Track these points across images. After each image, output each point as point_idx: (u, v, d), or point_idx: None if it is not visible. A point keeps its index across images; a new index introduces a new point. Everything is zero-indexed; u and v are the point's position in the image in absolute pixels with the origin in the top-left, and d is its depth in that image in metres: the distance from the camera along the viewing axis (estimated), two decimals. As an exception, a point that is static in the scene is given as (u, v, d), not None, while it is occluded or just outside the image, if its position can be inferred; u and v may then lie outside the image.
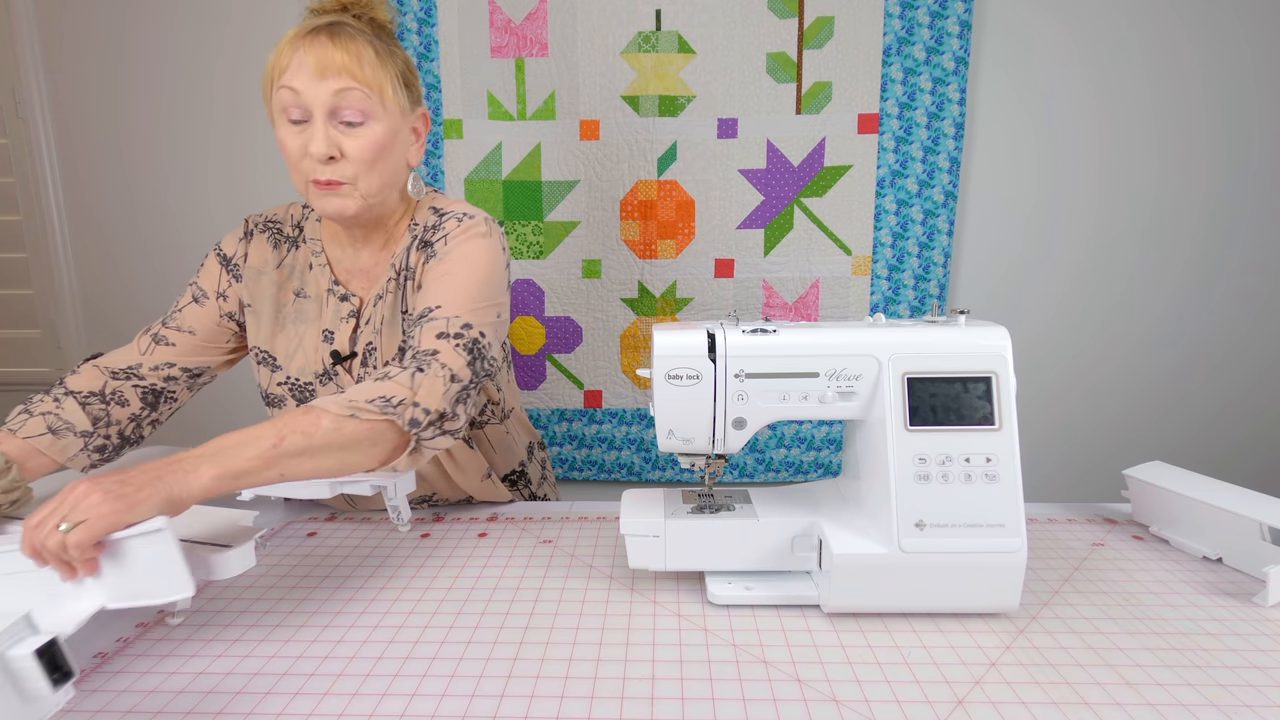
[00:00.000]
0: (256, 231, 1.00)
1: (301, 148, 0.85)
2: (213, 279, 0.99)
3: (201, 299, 0.98)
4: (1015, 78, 1.76)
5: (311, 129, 0.84)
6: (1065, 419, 1.91)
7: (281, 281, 0.98)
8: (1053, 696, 0.59)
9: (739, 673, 0.62)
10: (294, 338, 0.97)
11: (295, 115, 0.84)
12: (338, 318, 0.96)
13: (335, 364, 0.95)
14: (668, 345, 0.74)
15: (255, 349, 0.98)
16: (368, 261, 0.97)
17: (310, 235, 0.99)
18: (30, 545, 0.60)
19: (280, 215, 1.01)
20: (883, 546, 0.69)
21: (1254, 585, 0.77)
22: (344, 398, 0.75)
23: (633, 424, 1.89)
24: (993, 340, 0.72)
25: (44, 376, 2.05)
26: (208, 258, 1.00)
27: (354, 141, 0.85)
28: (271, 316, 0.97)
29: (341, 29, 0.85)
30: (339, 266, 0.97)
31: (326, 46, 0.83)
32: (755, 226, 1.80)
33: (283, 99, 0.84)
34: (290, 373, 0.97)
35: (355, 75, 0.84)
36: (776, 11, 1.70)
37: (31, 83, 1.87)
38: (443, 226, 0.94)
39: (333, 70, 0.83)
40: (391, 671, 0.63)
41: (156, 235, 1.96)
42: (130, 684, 0.61)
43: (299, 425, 0.71)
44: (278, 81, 0.84)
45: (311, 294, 0.97)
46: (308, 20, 0.87)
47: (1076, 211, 1.82)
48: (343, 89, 0.83)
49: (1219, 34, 1.72)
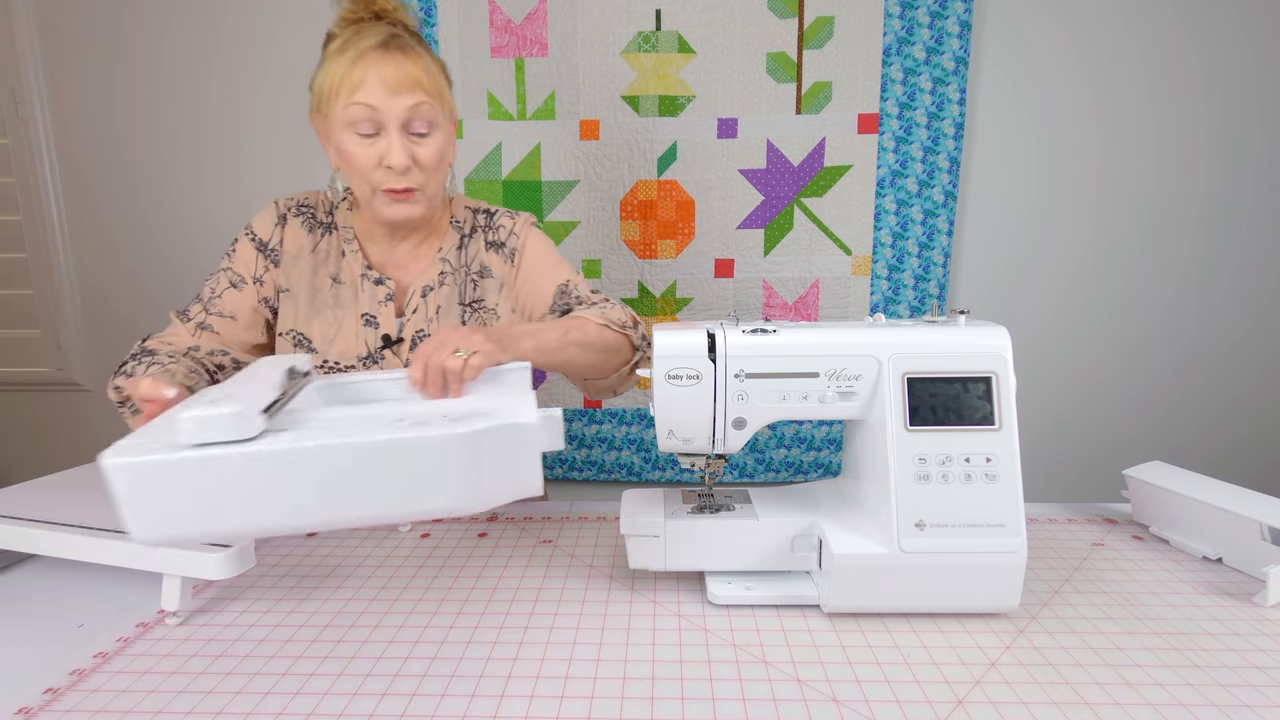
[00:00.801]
0: (291, 215, 1.01)
1: (374, 159, 0.89)
2: (248, 264, 1.00)
3: (240, 284, 1.00)
4: (1015, 78, 1.76)
5: (386, 142, 0.89)
6: (1065, 419, 1.91)
7: (316, 266, 1.01)
8: (1053, 696, 0.59)
9: (739, 673, 0.62)
10: (332, 322, 0.99)
11: (367, 129, 0.88)
12: (375, 302, 0.99)
13: (384, 347, 0.99)
14: (668, 345, 0.74)
15: (291, 333, 0.99)
16: (403, 253, 1.02)
17: (342, 224, 1.02)
18: (426, 364, 0.70)
19: (312, 200, 1.03)
20: (883, 546, 0.69)
21: (1254, 585, 0.77)
22: (594, 312, 0.92)
23: (633, 424, 1.89)
24: (993, 340, 0.72)
25: (44, 376, 2.05)
26: (239, 241, 1.01)
27: (423, 150, 0.91)
28: (308, 301, 1.00)
29: (403, 43, 0.89)
30: (371, 255, 1.01)
31: (400, 62, 0.87)
32: (755, 226, 1.80)
33: (354, 114, 0.87)
34: (329, 356, 0.99)
35: (425, 88, 0.89)
36: (776, 11, 1.70)
37: (31, 83, 1.87)
38: (502, 225, 1.04)
39: (406, 86, 0.87)
40: (391, 671, 0.63)
41: (156, 235, 1.96)
42: (130, 684, 0.61)
43: (576, 324, 0.90)
44: (349, 97, 0.87)
45: (346, 280, 1.01)
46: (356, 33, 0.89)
47: (1076, 211, 1.82)
48: (416, 103, 0.89)
49: (1218, 34, 1.72)
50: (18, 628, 0.71)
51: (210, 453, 0.52)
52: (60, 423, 2.10)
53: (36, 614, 0.73)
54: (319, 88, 0.90)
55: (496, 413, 0.59)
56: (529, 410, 0.59)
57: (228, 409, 0.53)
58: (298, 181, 1.90)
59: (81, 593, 0.77)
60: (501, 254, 1.03)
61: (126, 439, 0.57)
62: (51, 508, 0.80)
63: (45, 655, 0.66)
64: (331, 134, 0.91)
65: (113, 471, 0.51)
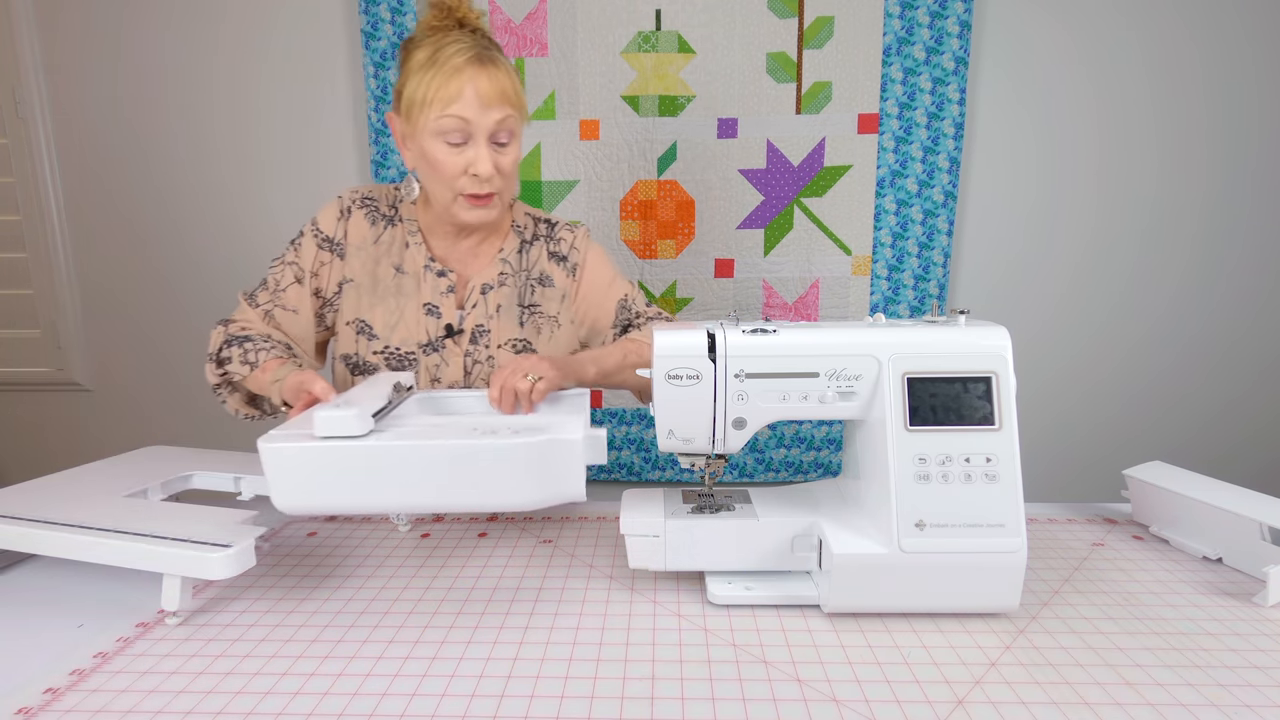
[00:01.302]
0: (355, 208, 1.05)
1: (461, 167, 0.94)
2: (310, 257, 1.04)
3: (303, 279, 1.04)
4: (1015, 78, 1.76)
5: (474, 151, 0.94)
6: (1065, 419, 1.91)
7: (379, 256, 1.05)
8: (1053, 696, 0.59)
9: (739, 673, 0.62)
10: (394, 310, 1.04)
11: (456, 139, 0.93)
12: (437, 293, 1.05)
13: (446, 336, 1.04)
14: (668, 345, 0.74)
15: (355, 321, 1.05)
16: (465, 248, 1.07)
17: (407, 217, 1.06)
18: (502, 385, 0.83)
19: (376, 194, 1.08)
20: (883, 546, 0.69)
21: (1254, 585, 0.77)
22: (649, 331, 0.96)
23: (633, 424, 1.89)
24: (993, 340, 0.72)
25: (44, 376, 2.05)
26: (303, 236, 1.05)
27: (504, 159, 0.96)
28: (370, 289, 1.05)
29: (492, 55, 0.93)
30: (434, 248, 1.06)
31: (492, 75, 0.92)
32: (755, 226, 1.80)
33: (446, 125, 0.92)
34: (391, 343, 1.04)
35: (512, 102, 0.94)
36: (776, 11, 1.70)
37: (31, 83, 1.87)
38: (563, 238, 1.10)
39: (496, 99, 0.92)
40: (391, 671, 0.63)
41: (156, 235, 1.96)
42: (130, 684, 0.61)
43: (634, 348, 1.04)
44: (443, 109, 0.91)
45: (409, 270, 1.05)
46: (444, 45, 0.92)
47: (1076, 211, 1.82)
48: (504, 116, 0.94)
49: (1218, 34, 1.72)
50: (18, 628, 0.71)
51: (333, 444, 0.68)
52: (60, 423, 2.10)
53: (36, 614, 0.73)
54: (410, 96, 0.93)
55: (550, 429, 0.72)
56: (576, 429, 0.72)
57: (350, 412, 0.69)
58: (297, 181, 1.90)
59: (81, 593, 0.77)
60: (564, 267, 1.09)
61: (278, 429, 0.72)
62: (51, 508, 0.80)
63: (45, 655, 0.65)
64: (417, 139, 0.95)
65: (264, 452, 0.68)
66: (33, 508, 0.80)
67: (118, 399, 2.06)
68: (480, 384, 1.05)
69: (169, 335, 2.00)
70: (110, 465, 0.96)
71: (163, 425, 2.05)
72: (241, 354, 0.97)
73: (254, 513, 0.77)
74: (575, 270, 1.09)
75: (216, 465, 0.96)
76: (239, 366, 0.97)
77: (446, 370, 1.04)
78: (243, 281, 1.95)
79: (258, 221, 1.93)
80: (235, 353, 0.98)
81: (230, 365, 0.98)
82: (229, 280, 1.96)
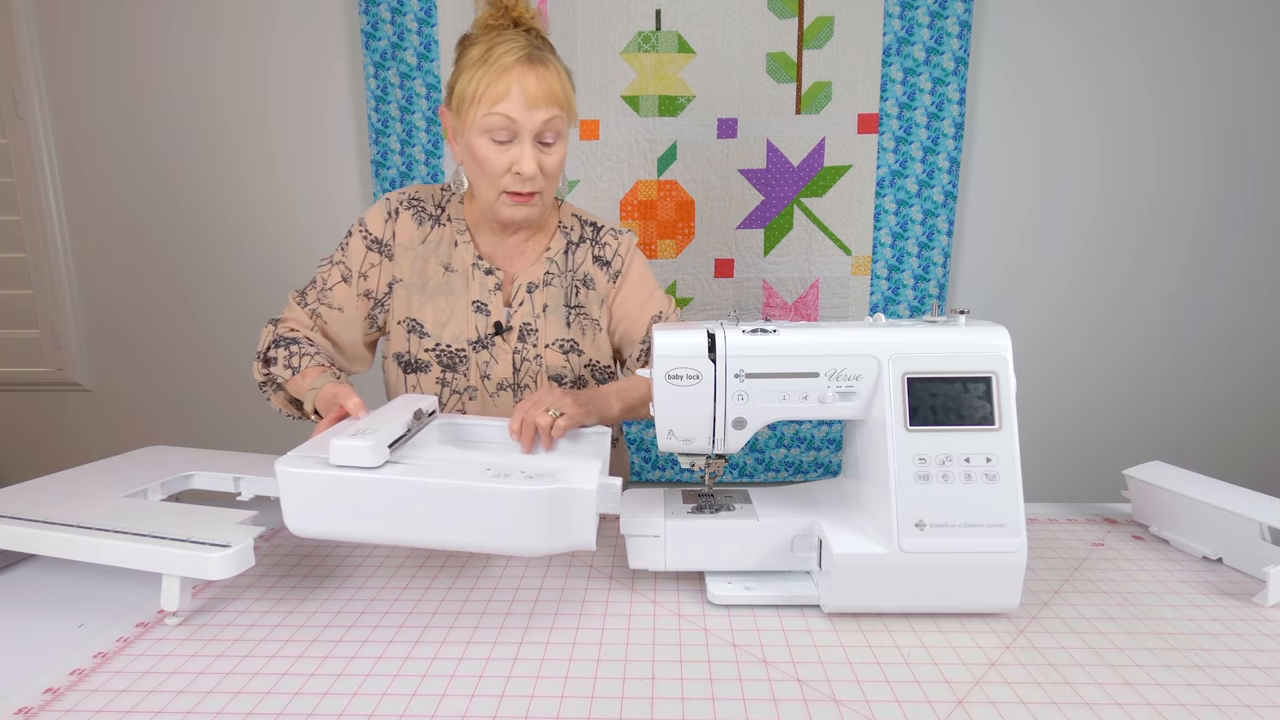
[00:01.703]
0: (401, 209, 1.07)
1: (505, 165, 0.95)
2: (358, 258, 1.05)
3: (350, 278, 1.05)
4: (1014, 78, 1.76)
5: (519, 150, 0.94)
6: (1065, 419, 1.92)
7: (426, 255, 1.06)
8: (1053, 696, 0.59)
9: (739, 673, 0.62)
10: (445, 308, 1.06)
11: (502, 137, 0.94)
12: (485, 290, 1.06)
13: (496, 334, 1.05)
14: (668, 345, 0.74)
15: (406, 319, 1.06)
16: (511, 245, 1.07)
17: (455, 215, 1.08)
18: (523, 418, 0.84)
19: (422, 194, 1.09)
20: (883, 546, 0.69)
21: (1254, 585, 0.77)
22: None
23: (632, 424, 1.89)
24: (993, 340, 0.71)
25: (44, 376, 2.05)
26: (352, 237, 1.06)
27: (549, 159, 0.97)
28: (419, 288, 1.06)
29: (543, 55, 0.94)
30: (481, 245, 1.07)
31: (542, 75, 0.93)
32: (755, 226, 1.80)
33: (492, 123, 0.93)
34: (441, 340, 1.06)
35: (560, 103, 0.95)
36: (776, 11, 1.70)
37: (31, 83, 1.87)
38: (608, 243, 1.10)
39: (543, 100, 0.93)
40: (391, 671, 0.63)
41: (156, 235, 1.96)
42: (130, 684, 0.61)
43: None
44: (491, 107, 0.92)
45: (458, 268, 1.06)
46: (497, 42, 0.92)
47: (1076, 211, 1.83)
48: (551, 117, 0.94)
49: (1217, 34, 1.72)
50: (18, 628, 0.71)
51: (345, 474, 0.68)
52: (60, 423, 2.10)
53: (36, 614, 0.73)
54: (460, 91, 0.94)
55: (564, 476, 0.70)
56: (591, 478, 0.70)
57: (365, 442, 0.68)
58: (297, 180, 1.90)
59: (81, 593, 0.77)
60: (606, 271, 1.10)
61: (298, 450, 0.73)
62: (51, 508, 0.80)
63: (45, 655, 0.65)
64: (465, 134, 0.96)
65: (280, 475, 0.68)
66: (32, 508, 0.80)
67: (118, 399, 2.06)
68: (528, 382, 1.06)
69: (169, 335, 2.00)
70: (110, 465, 0.96)
71: (163, 425, 2.05)
72: (286, 356, 0.99)
73: (254, 513, 0.77)
74: (617, 277, 1.10)
75: (216, 465, 0.96)
76: (282, 370, 0.99)
77: (496, 367, 1.05)
78: (242, 280, 1.96)
79: (257, 221, 1.93)
80: (281, 354, 0.99)
81: (275, 367, 1.00)
82: (229, 280, 1.96)
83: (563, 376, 1.06)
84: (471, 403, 1.07)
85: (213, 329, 1.98)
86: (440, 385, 1.06)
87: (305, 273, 2.03)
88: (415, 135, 1.79)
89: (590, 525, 0.69)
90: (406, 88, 1.77)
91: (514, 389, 1.06)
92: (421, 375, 1.07)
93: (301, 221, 1.92)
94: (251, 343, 1.05)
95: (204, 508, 0.79)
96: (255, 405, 2.05)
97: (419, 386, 1.07)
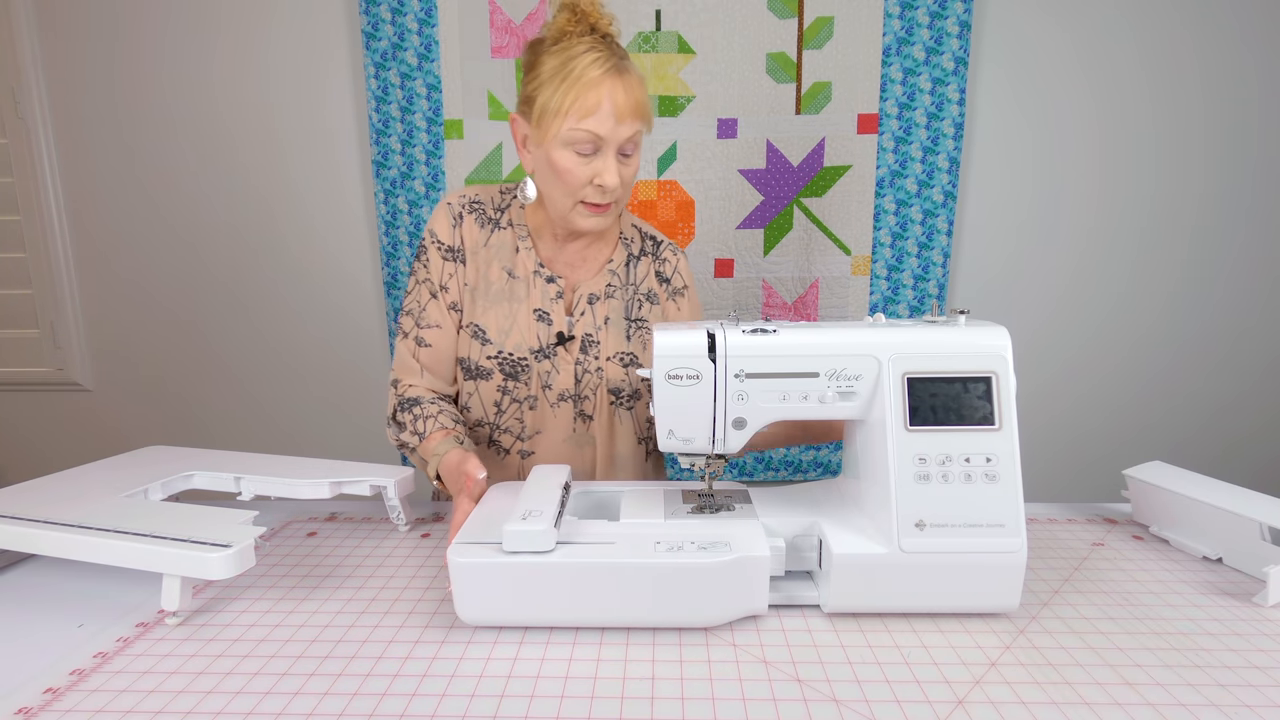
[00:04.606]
0: (465, 213, 1.05)
1: (587, 176, 0.93)
2: (439, 271, 1.04)
3: (437, 294, 1.04)
4: (1014, 78, 1.76)
5: (602, 163, 0.93)
6: (1065, 419, 1.92)
7: (489, 260, 1.05)
8: (1053, 696, 0.59)
9: (739, 673, 0.62)
10: (507, 315, 1.03)
11: (586, 150, 0.92)
12: (547, 298, 1.04)
13: (558, 344, 1.03)
14: (668, 345, 0.74)
15: (470, 325, 1.04)
16: (572, 252, 1.06)
17: (516, 220, 1.06)
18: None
19: (482, 197, 1.07)
20: (883, 546, 0.69)
21: (1254, 585, 0.77)
22: None
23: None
24: (993, 340, 0.72)
25: (44, 376, 2.05)
26: (428, 250, 1.04)
27: (627, 170, 0.96)
28: (483, 293, 1.04)
29: (625, 65, 0.92)
30: (541, 251, 1.06)
31: (631, 88, 0.91)
32: (755, 226, 1.80)
33: (578, 137, 0.91)
34: (504, 348, 1.03)
35: (642, 117, 0.93)
36: (776, 11, 1.70)
37: (31, 83, 1.87)
38: (668, 260, 1.11)
39: (628, 115, 0.91)
40: (392, 671, 0.63)
41: (156, 235, 1.96)
42: (130, 684, 0.61)
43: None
44: (578, 122, 0.90)
45: (520, 274, 1.04)
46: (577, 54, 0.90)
47: (1076, 211, 1.83)
48: (635, 132, 0.93)
49: (1217, 33, 1.72)
50: (18, 628, 0.71)
51: (522, 559, 0.67)
52: (60, 423, 2.10)
53: (36, 614, 0.73)
54: (543, 104, 0.91)
55: (736, 543, 0.70)
56: (763, 544, 0.70)
57: (538, 526, 0.67)
58: (297, 180, 1.90)
59: (81, 593, 0.77)
60: (666, 288, 1.10)
61: (463, 535, 0.71)
62: (51, 508, 0.80)
63: (45, 655, 0.65)
64: (543, 145, 0.93)
65: (453, 566, 0.67)
66: (33, 508, 0.80)
67: (118, 399, 2.06)
68: (589, 394, 1.04)
69: (169, 335, 2.00)
70: (110, 465, 0.96)
71: (163, 425, 2.05)
72: (411, 420, 0.99)
73: (254, 513, 0.77)
74: (675, 296, 1.10)
75: (216, 465, 0.96)
76: (410, 436, 0.99)
77: (557, 378, 1.03)
78: (242, 280, 1.96)
79: (258, 220, 1.93)
80: (407, 419, 1.00)
81: (404, 434, 1.00)
82: (229, 280, 1.96)
83: (621, 390, 1.05)
84: (531, 412, 1.04)
85: (213, 329, 1.98)
86: (501, 393, 1.03)
87: (305, 273, 2.02)
88: (415, 135, 1.79)
89: (764, 590, 0.70)
90: (407, 88, 1.77)
91: (574, 400, 1.04)
92: (482, 382, 1.04)
93: (303, 221, 1.92)
94: (251, 342, 1.05)
95: (204, 508, 0.79)
96: (255, 405, 2.06)
97: (478, 394, 1.04)
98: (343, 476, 0.91)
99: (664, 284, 1.10)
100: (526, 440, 1.04)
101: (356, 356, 1.97)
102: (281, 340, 1.97)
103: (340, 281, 1.95)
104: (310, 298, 1.96)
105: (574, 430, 1.05)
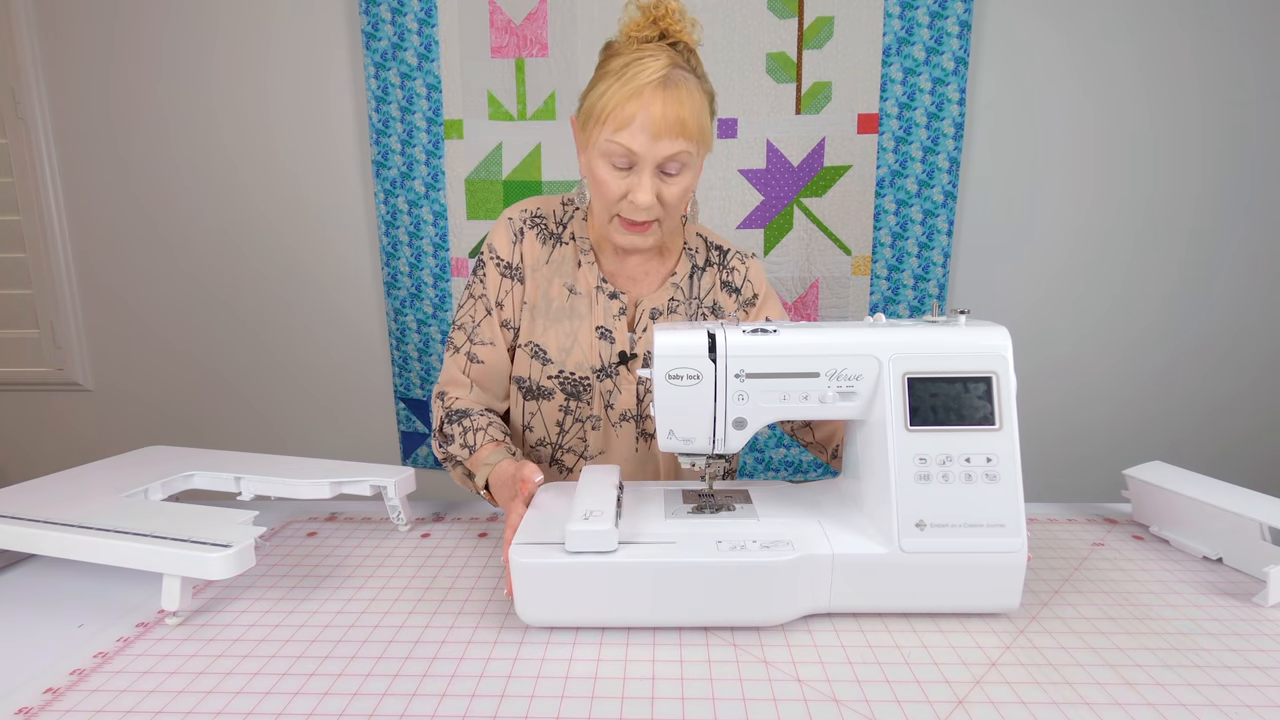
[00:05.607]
0: (526, 229, 1.01)
1: (621, 191, 0.89)
2: (495, 287, 1.01)
3: (493, 310, 1.01)
4: (1014, 78, 1.76)
5: (638, 179, 0.87)
6: (1065, 419, 1.92)
7: (550, 276, 1.01)
8: (1053, 696, 0.59)
9: (739, 673, 0.62)
10: (569, 333, 1.00)
11: (621, 164, 0.88)
12: (609, 315, 1.00)
13: (621, 363, 1.00)
14: (668, 345, 0.74)
15: (529, 344, 1.00)
16: (634, 265, 1.02)
17: (579, 234, 1.02)
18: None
19: (544, 211, 1.03)
20: (883, 546, 0.69)
21: (1254, 585, 0.77)
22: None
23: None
24: (993, 340, 0.71)
25: (44, 376, 2.05)
26: (485, 266, 1.01)
27: (670, 189, 0.89)
28: (544, 311, 1.00)
29: (680, 77, 0.85)
30: (603, 265, 1.02)
31: (675, 103, 0.84)
32: (755, 226, 1.80)
33: (612, 149, 0.86)
34: (565, 367, 0.99)
35: (688, 134, 0.86)
36: (776, 11, 1.70)
37: (31, 83, 1.87)
38: (735, 268, 1.06)
39: (669, 131, 0.85)
40: (391, 671, 0.63)
41: (156, 234, 1.96)
42: (130, 684, 0.61)
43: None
44: (613, 134, 0.85)
45: (582, 290, 1.00)
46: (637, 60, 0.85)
47: (1075, 211, 1.83)
48: (675, 152, 0.86)
49: (1215, 34, 1.72)
50: (18, 628, 0.71)
51: (586, 559, 0.67)
52: (60, 423, 2.10)
53: (36, 614, 0.73)
54: (590, 105, 0.88)
55: (798, 542, 0.69)
56: (824, 542, 0.70)
57: (600, 526, 0.67)
58: (297, 181, 1.90)
59: (81, 593, 0.77)
60: (736, 299, 1.05)
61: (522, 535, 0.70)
62: (51, 508, 0.80)
63: (45, 655, 0.65)
64: (588, 152, 0.91)
65: (515, 567, 0.67)
66: (33, 508, 0.80)
67: (118, 399, 2.07)
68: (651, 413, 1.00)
69: (169, 335, 2.00)
70: (110, 465, 0.96)
71: (163, 425, 2.05)
72: (460, 433, 0.95)
73: (254, 513, 0.77)
74: (747, 305, 1.06)
75: (216, 465, 0.96)
76: (459, 450, 0.95)
77: (619, 397, 1.00)
78: (242, 280, 1.96)
79: (258, 220, 1.93)
80: (455, 431, 0.96)
81: (451, 447, 0.97)
82: (229, 280, 1.96)
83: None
84: (594, 432, 1.01)
85: (213, 328, 1.98)
86: (564, 413, 1.00)
87: (305, 272, 2.02)
88: (416, 135, 1.79)
89: (827, 589, 0.69)
90: (407, 88, 1.77)
91: (637, 420, 1.01)
92: (544, 402, 1.00)
93: (302, 221, 1.92)
94: (251, 342, 1.05)
95: (204, 507, 0.79)
96: (255, 405, 2.06)
97: (540, 414, 1.01)
98: (343, 476, 0.91)
99: (733, 294, 1.05)
100: (590, 460, 1.02)
101: (356, 356, 1.97)
102: (281, 340, 1.97)
103: (340, 281, 1.95)
104: (310, 297, 1.96)
105: (635, 450, 1.02)
